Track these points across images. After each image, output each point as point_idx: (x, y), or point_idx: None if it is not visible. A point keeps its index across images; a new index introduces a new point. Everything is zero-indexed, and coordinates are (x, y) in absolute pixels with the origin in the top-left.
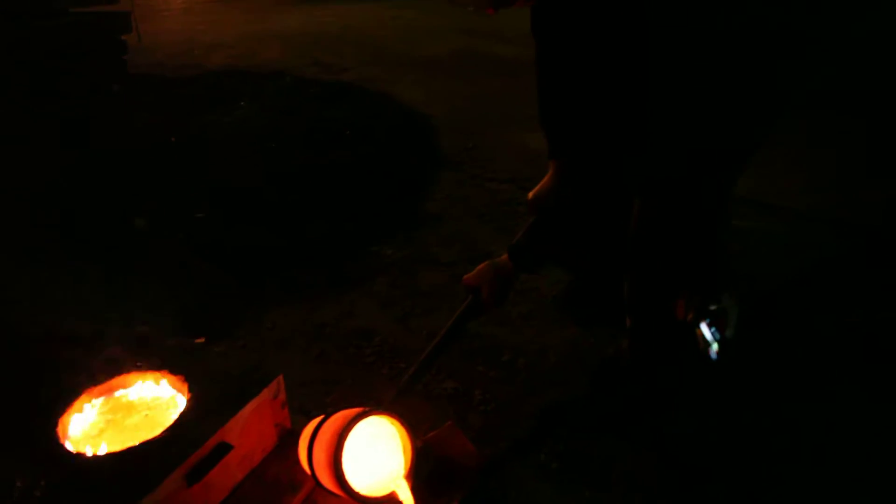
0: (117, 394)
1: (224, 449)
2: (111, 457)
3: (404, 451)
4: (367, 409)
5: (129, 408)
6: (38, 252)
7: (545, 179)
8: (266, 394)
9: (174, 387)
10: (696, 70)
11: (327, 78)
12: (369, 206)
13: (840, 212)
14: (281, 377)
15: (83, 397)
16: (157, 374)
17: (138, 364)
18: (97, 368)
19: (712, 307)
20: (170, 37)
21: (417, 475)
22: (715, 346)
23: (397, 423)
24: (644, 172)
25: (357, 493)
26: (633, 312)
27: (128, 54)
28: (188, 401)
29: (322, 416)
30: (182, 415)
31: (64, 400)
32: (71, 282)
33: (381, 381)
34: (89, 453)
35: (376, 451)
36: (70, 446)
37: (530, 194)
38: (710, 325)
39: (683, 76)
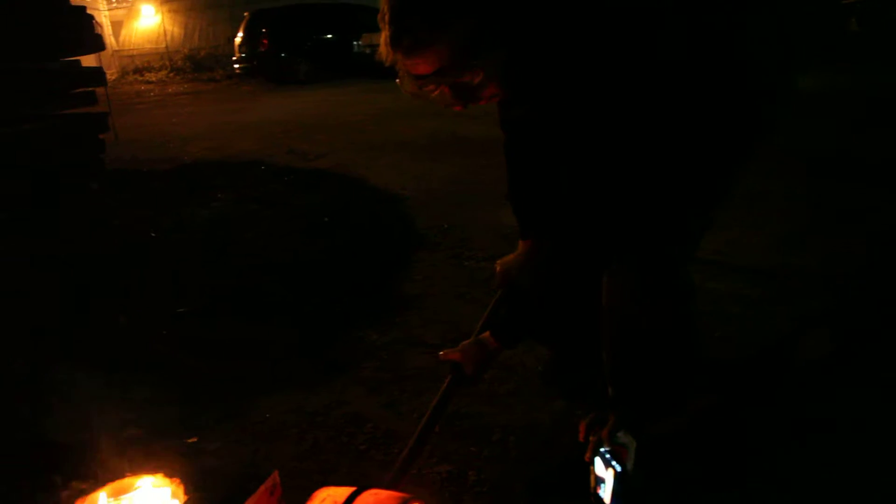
0: (111, 500)
1: None
2: None
3: None
4: (408, 495)
5: None
6: (17, 354)
7: (515, 255)
8: (262, 491)
9: (170, 490)
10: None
11: (302, 165)
12: (351, 291)
13: (806, 268)
14: (276, 472)
15: None
16: (152, 478)
17: (132, 469)
18: (89, 474)
19: (616, 439)
20: (145, 130)
21: None
22: (608, 486)
23: None
24: (611, 245)
25: None
26: (613, 381)
27: (105, 151)
28: (185, 503)
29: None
30: None
31: None
32: (54, 384)
33: (375, 469)
34: None
35: None
36: None
37: (498, 265)
38: (609, 458)
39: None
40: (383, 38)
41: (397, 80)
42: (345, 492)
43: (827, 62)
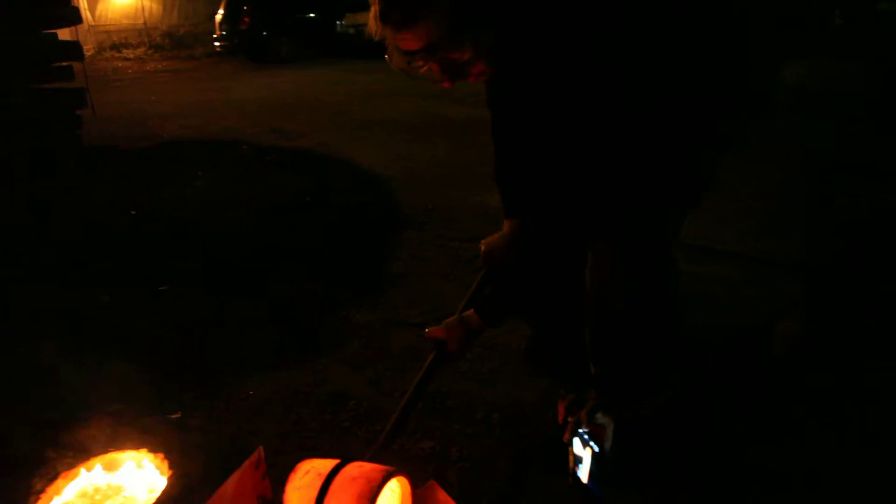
0: (96, 475)
1: None
2: None
3: None
4: (392, 468)
5: (109, 489)
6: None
7: (500, 234)
8: (247, 466)
9: (154, 466)
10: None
11: (285, 145)
12: (335, 270)
13: (786, 253)
14: (261, 448)
15: (60, 481)
16: (137, 454)
17: (116, 444)
18: (74, 450)
19: (595, 420)
20: (123, 108)
21: None
22: (585, 465)
23: (405, 482)
24: (594, 226)
25: None
26: (595, 360)
27: (82, 128)
28: (169, 479)
29: (313, 462)
30: (164, 493)
31: (41, 484)
32: (38, 362)
33: (358, 445)
34: None
35: None
36: None
37: (483, 244)
38: (587, 439)
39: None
40: (372, 12)
41: (386, 56)
42: (328, 464)
43: (811, 55)
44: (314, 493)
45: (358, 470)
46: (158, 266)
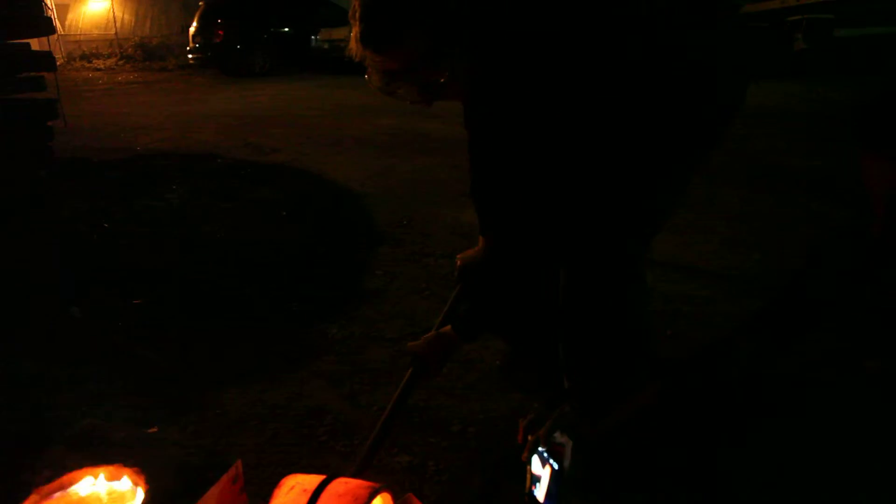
0: (70, 491)
1: None
2: None
3: None
4: (378, 484)
5: None
6: None
7: (475, 250)
8: (225, 480)
9: (131, 480)
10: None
11: (259, 159)
12: (311, 285)
13: (752, 270)
14: (239, 462)
15: (33, 496)
16: (112, 469)
17: (91, 460)
18: (49, 465)
19: (553, 438)
20: (95, 119)
21: None
22: (543, 484)
23: (388, 498)
24: (566, 243)
25: None
26: (569, 374)
27: (54, 139)
28: (146, 493)
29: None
30: None
31: (13, 500)
32: (10, 378)
33: (335, 459)
34: None
35: None
36: None
37: (458, 259)
38: (546, 457)
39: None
40: (353, 34)
41: (366, 76)
42: (314, 480)
43: (774, 78)
44: None
45: (344, 486)
46: (132, 280)
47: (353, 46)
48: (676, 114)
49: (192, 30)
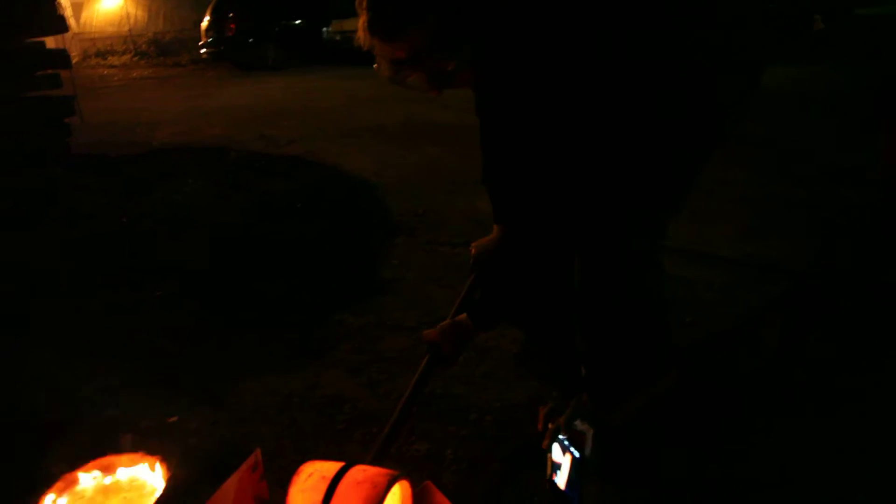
0: (94, 478)
1: None
2: None
3: None
4: (396, 472)
5: (107, 492)
6: None
7: (490, 238)
8: (244, 468)
9: (152, 468)
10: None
11: (274, 151)
12: (327, 275)
13: (772, 256)
14: (258, 450)
15: (58, 484)
16: (134, 457)
17: (114, 447)
18: (70, 454)
19: (574, 426)
20: (111, 115)
21: None
22: (564, 472)
23: (406, 485)
24: (580, 231)
25: None
26: (586, 362)
27: (71, 136)
28: (167, 482)
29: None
30: (162, 496)
31: (39, 488)
32: (32, 369)
33: (354, 447)
34: None
35: None
36: None
37: (473, 247)
38: (567, 445)
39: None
40: (361, 23)
41: (374, 65)
42: (332, 467)
43: (792, 59)
44: (319, 496)
45: (362, 474)
46: (150, 272)
47: (361, 35)
48: (686, 98)
49: (204, 24)
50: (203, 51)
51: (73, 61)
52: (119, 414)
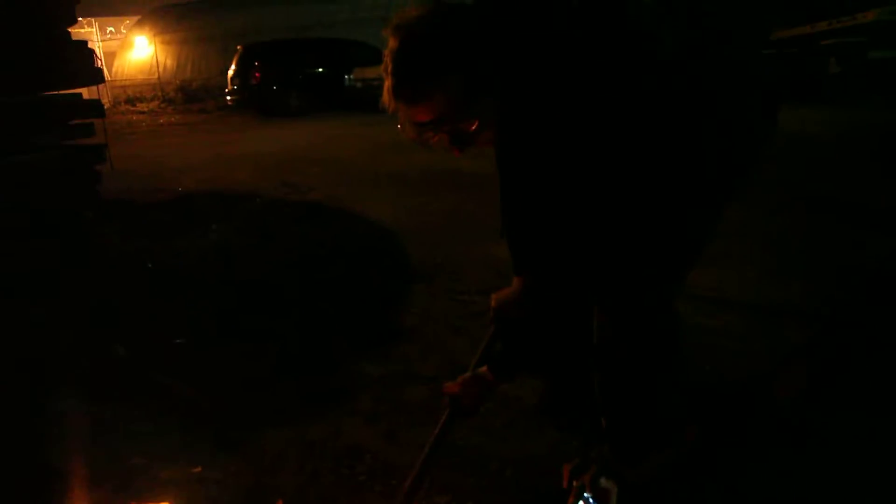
0: None
1: None
2: None
3: None
4: None
5: None
6: (16, 385)
7: (510, 290)
8: None
9: None
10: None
11: (296, 198)
12: (347, 323)
13: (793, 302)
14: (280, 502)
15: None
16: None
17: (138, 497)
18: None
19: (599, 483)
20: (138, 161)
21: None
22: None
23: None
24: (596, 286)
25: None
26: (606, 413)
27: (101, 182)
28: None
29: None
30: None
31: None
32: (55, 416)
33: (374, 498)
34: None
35: None
36: None
37: (493, 299)
38: (592, 502)
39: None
40: (385, 87)
41: (398, 126)
42: None
43: (808, 102)
44: None
45: None
46: (174, 319)
47: (386, 99)
48: (704, 149)
49: (230, 72)
50: (228, 98)
51: (105, 108)
52: (143, 462)
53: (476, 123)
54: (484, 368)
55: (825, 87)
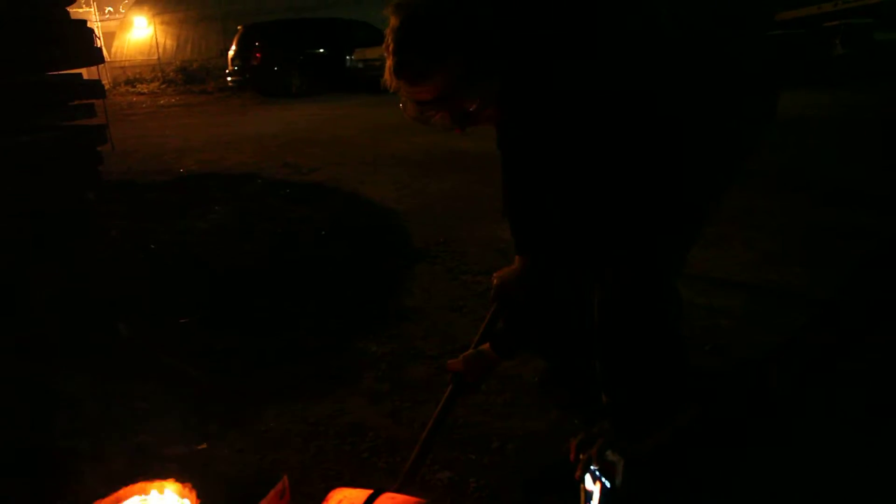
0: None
1: None
2: None
3: None
4: (424, 500)
5: None
6: (21, 365)
7: (512, 269)
8: (273, 495)
9: (182, 495)
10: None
11: (298, 179)
12: (350, 303)
13: (792, 283)
14: (286, 478)
15: None
16: (165, 484)
17: (145, 474)
18: (102, 480)
19: (605, 457)
20: (139, 142)
21: None
22: (594, 502)
23: None
24: (598, 261)
25: None
26: (606, 390)
27: (103, 163)
28: None
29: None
30: None
31: None
32: (61, 394)
33: (379, 475)
34: None
35: None
36: None
37: (495, 278)
38: (598, 475)
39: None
40: (387, 66)
41: (400, 105)
42: (361, 494)
43: (811, 84)
44: None
45: (390, 501)
46: (178, 299)
47: (388, 78)
48: (706, 125)
49: (230, 53)
50: (229, 79)
51: (105, 89)
52: (149, 439)
53: (477, 102)
54: (486, 346)
55: (830, 69)
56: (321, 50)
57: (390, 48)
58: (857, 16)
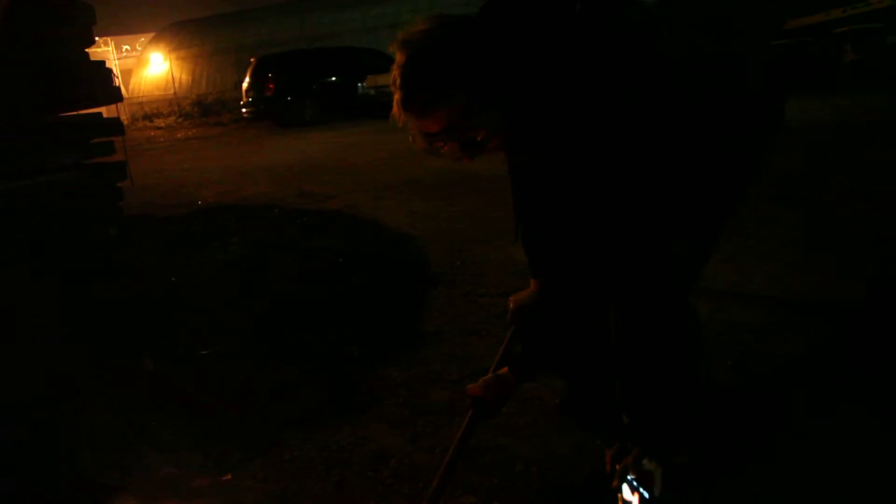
0: None
1: None
2: None
3: None
4: None
5: None
6: (47, 399)
7: (528, 292)
8: None
9: None
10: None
11: (314, 207)
12: (370, 329)
13: (814, 295)
14: None
15: None
16: None
17: None
18: None
19: (641, 465)
20: (157, 176)
21: None
22: None
23: None
24: (610, 284)
25: None
26: (626, 410)
27: (123, 199)
28: None
29: None
30: None
31: None
32: (87, 428)
33: (402, 502)
34: None
35: None
36: None
37: (511, 301)
38: (636, 485)
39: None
40: (395, 101)
41: (409, 138)
42: None
43: (825, 92)
44: None
45: None
46: (199, 330)
47: (397, 112)
48: (712, 146)
49: (244, 85)
50: (244, 110)
51: (124, 126)
52: (174, 472)
53: (484, 132)
54: (505, 369)
55: (842, 76)
56: (333, 78)
57: (397, 83)
58: (866, 21)
